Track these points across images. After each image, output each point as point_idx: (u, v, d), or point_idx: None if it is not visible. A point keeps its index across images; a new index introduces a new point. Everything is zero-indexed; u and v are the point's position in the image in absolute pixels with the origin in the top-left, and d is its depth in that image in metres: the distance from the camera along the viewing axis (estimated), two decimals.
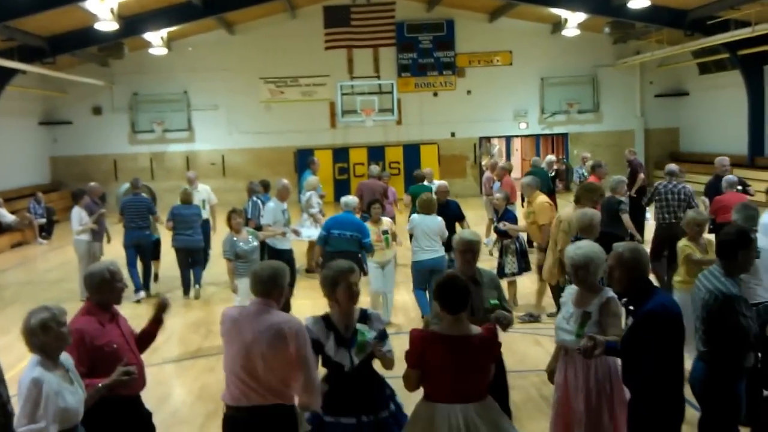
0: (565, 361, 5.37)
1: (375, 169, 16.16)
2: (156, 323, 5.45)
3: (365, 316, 5.07)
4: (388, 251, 10.78)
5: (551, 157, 18.50)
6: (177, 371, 9.35)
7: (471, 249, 5.86)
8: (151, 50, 25.74)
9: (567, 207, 9.07)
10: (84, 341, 4.82)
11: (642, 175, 16.60)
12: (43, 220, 21.77)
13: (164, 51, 25.94)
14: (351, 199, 11.03)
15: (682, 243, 7.88)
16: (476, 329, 4.64)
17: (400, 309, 11.56)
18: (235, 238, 9.98)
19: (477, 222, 16.60)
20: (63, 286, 14.65)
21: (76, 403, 4.30)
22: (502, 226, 10.91)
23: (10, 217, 20.40)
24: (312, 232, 13.84)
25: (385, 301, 10.67)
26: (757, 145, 23.64)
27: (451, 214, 11.30)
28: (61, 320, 4.35)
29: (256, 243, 10.22)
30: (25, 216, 21.28)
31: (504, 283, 8.73)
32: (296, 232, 12.72)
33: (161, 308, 5.45)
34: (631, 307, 4.72)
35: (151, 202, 14.29)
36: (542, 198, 11.05)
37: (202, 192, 15.33)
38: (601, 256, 5.20)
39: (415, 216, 10.63)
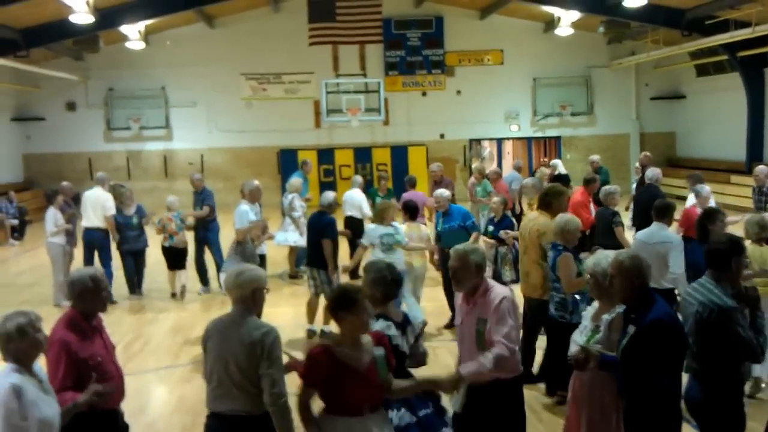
0: (574, 374, 5.44)
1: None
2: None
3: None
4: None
5: (545, 170, 17.34)
6: (154, 381, 9.36)
7: None
8: (127, 44, 25.64)
9: (537, 216, 8.48)
10: (69, 353, 4.77)
11: None
12: (15, 221, 21.64)
13: (141, 45, 25.82)
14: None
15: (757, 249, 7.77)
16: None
17: None
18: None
19: None
20: (36, 290, 14.56)
21: (53, 415, 4.26)
22: (503, 234, 10.80)
23: None
24: (295, 236, 13.83)
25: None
26: (756, 151, 23.76)
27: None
28: (38, 326, 4.29)
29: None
30: None
31: None
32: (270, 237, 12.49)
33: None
34: (633, 316, 4.75)
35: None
36: None
37: None
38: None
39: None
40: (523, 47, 28.40)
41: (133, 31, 24.89)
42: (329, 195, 10.89)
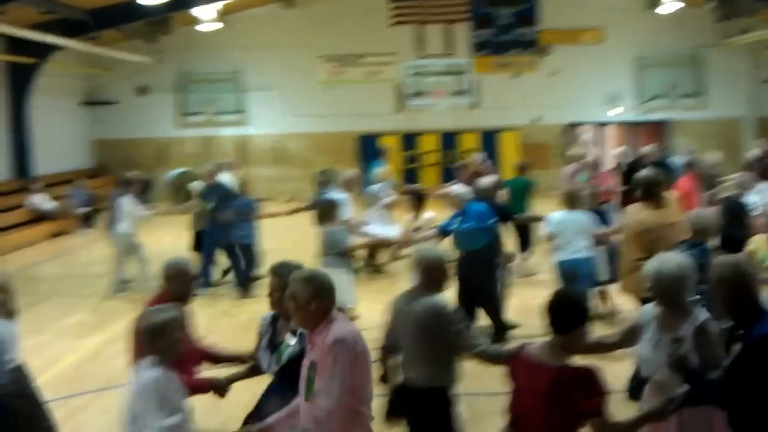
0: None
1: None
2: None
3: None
4: None
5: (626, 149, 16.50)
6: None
7: None
8: (201, 26, 25.09)
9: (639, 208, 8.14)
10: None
11: None
12: (86, 209, 21.48)
13: (216, 27, 25.24)
14: None
15: None
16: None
17: None
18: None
19: None
20: (106, 280, 13.98)
21: (188, 410, 4.49)
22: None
23: (49, 204, 20.67)
24: (383, 228, 12.91)
25: None
26: None
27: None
28: (182, 325, 4.60)
29: None
30: (66, 203, 21.16)
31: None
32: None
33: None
34: (741, 332, 4.19)
35: None
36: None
37: None
38: (692, 270, 4.71)
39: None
40: (624, 25, 26.93)
41: (207, 13, 24.29)
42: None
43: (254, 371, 5.51)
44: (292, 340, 5.03)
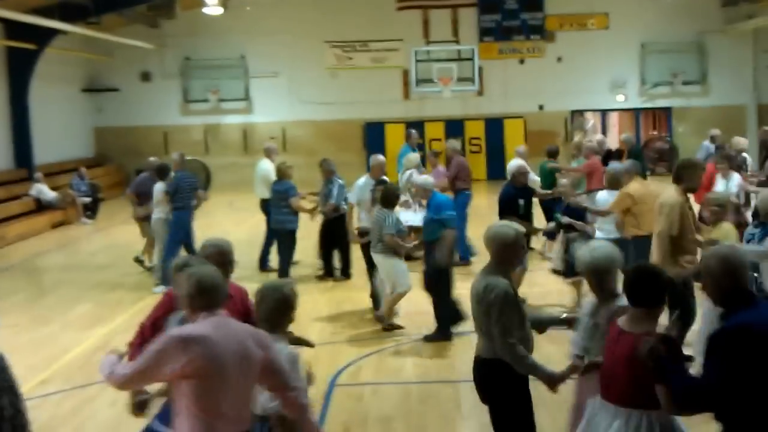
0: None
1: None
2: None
3: None
4: None
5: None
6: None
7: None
8: (205, 9, 24.43)
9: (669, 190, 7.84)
10: None
11: None
12: (88, 198, 21.05)
13: (220, 11, 24.61)
14: None
15: None
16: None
17: None
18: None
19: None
20: (110, 271, 13.86)
21: None
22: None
23: (51, 194, 20.26)
24: (412, 216, 12.42)
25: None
26: None
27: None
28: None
29: None
30: (68, 193, 20.75)
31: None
32: None
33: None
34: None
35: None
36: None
37: None
38: (620, 260, 5.15)
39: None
40: (630, 10, 26.52)
41: None
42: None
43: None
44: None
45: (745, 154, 13.75)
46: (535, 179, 12.98)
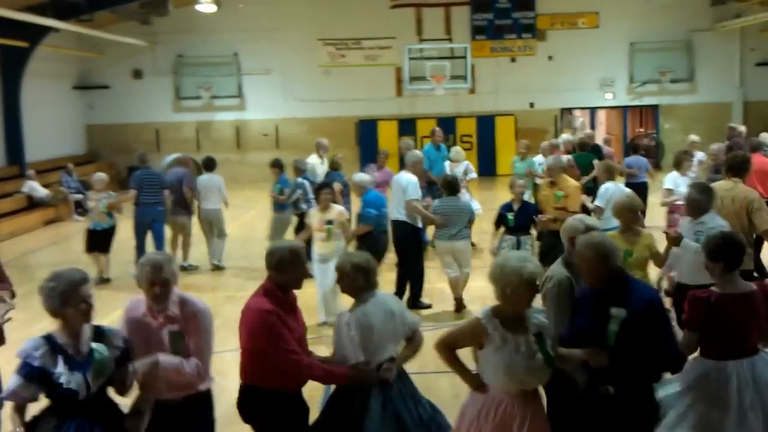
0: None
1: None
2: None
3: (101, 333, 4.77)
4: (330, 244, 9.87)
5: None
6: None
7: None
8: (197, 7, 24.07)
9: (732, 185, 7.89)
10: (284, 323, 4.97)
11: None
12: (79, 195, 20.69)
13: (213, 8, 24.22)
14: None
15: None
16: (751, 286, 5.10)
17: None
18: None
19: None
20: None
21: None
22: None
23: (42, 191, 20.17)
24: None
25: (323, 300, 10.06)
26: None
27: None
28: None
29: None
30: (60, 190, 20.60)
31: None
32: None
33: None
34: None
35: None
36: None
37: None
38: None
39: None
40: (620, 9, 26.50)
41: None
42: None
43: None
44: (101, 347, 4.84)
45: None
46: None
